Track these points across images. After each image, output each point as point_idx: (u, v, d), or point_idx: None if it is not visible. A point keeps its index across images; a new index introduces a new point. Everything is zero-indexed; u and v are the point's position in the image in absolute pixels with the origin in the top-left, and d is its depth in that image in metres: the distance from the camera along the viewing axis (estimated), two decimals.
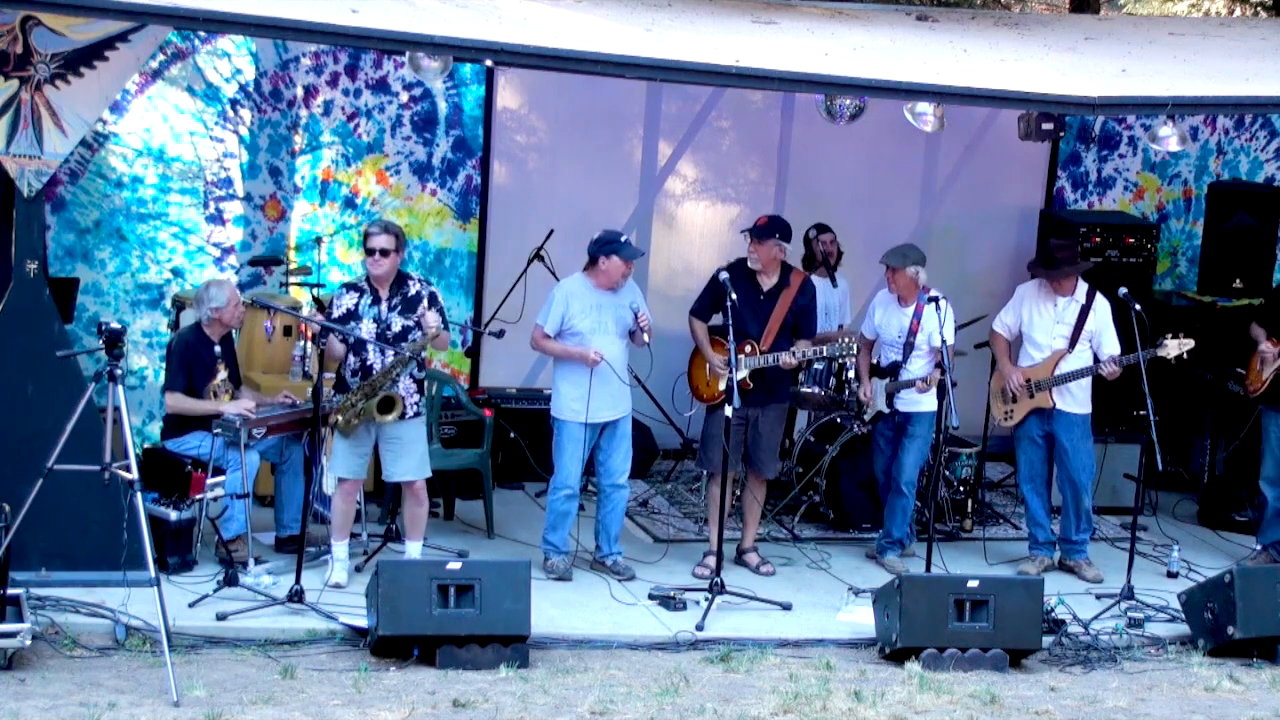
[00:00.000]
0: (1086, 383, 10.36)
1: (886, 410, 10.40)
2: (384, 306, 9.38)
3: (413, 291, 9.44)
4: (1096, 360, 10.25)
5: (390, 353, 9.27)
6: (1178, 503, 12.04)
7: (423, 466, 9.53)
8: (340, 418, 9.30)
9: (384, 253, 9.33)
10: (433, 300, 9.44)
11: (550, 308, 9.82)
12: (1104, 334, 10.30)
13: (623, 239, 9.81)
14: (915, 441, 10.30)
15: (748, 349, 9.79)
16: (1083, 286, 10.41)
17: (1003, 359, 10.67)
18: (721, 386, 9.79)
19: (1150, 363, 10.02)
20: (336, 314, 9.36)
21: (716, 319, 10.02)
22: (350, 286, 9.52)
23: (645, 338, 9.78)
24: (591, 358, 9.62)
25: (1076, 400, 10.38)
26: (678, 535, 10.86)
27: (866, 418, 10.59)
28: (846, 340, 10.07)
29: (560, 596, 9.56)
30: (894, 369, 10.36)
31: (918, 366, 10.26)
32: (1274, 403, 10.83)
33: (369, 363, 9.35)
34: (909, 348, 10.28)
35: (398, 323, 9.37)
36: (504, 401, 11.50)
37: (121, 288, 11.32)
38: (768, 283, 9.93)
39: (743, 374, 9.69)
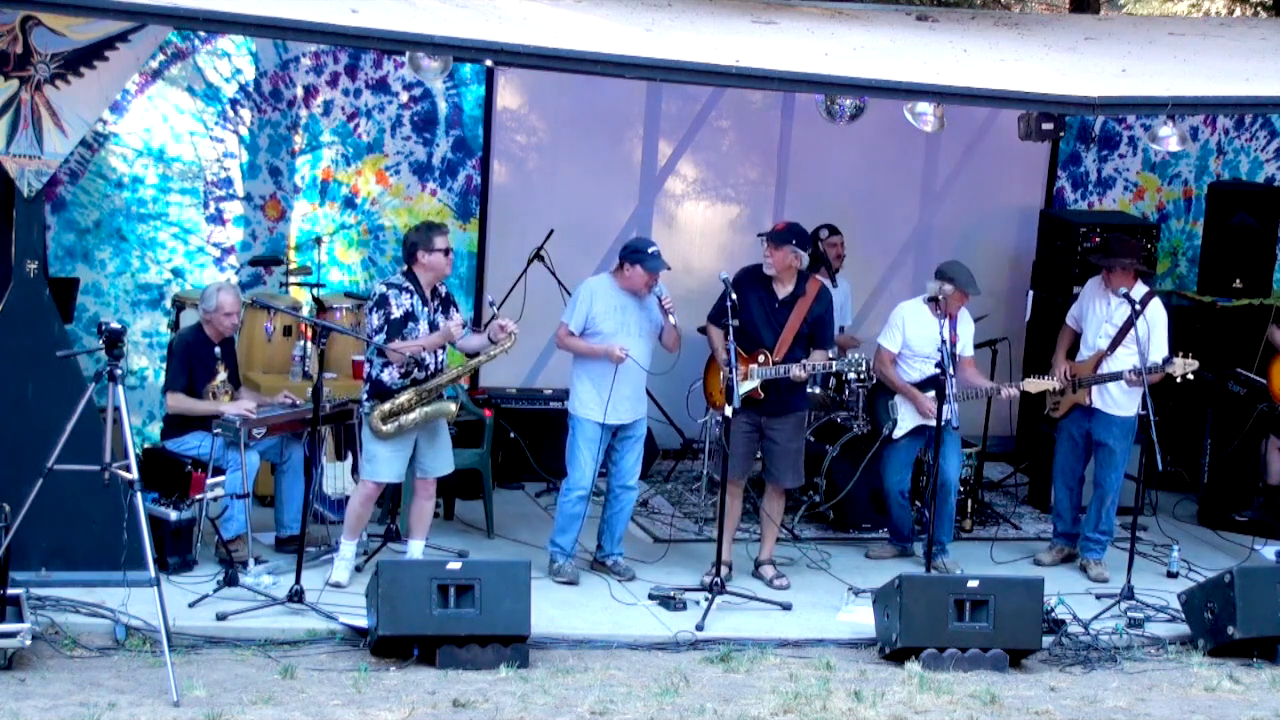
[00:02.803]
0: (1129, 385, 10.27)
1: (932, 422, 10.17)
2: (431, 307, 9.41)
3: (444, 293, 9.53)
4: (1136, 371, 10.15)
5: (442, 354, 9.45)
6: (1178, 503, 12.04)
7: (452, 460, 9.69)
8: (383, 424, 9.25)
9: (452, 251, 9.49)
10: (456, 305, 9.59)
11: (575, 306, 9.80)
12: (1152, 341, 10.22)
13: (650, 250, 9.71)
14: (953, 447, 10.22)
15: (761, 358, 9.74)
16: (1141, 290, 10.35)
17: (1058, 351, 10.70)
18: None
19: (1165, 378, 10.06)
20: (398, 314, 9.28)
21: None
22: (400, 288, 9.37)
23: (672, 319, 9.72)
24: (616, 354, 9.61)
25: (1116, 402, 10.34)
26: (678, 535, 10.86)
27: (897, 434, 10.37)
28: (857, 356, 9.99)
29: (560, 596, 9.56)
30: (934, 381, 10.15)
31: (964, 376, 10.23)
32: None
33: (426, 363, 9.35)
34: (954, 358, 10.14)
35: (447, 322, 9.42)
36: (504, 401, 11.50)
37: (121, 288, 11.32)
38: (783, 290, 9.83)
39: (755, 384, 9.64)
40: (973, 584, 9.07)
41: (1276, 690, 8.85)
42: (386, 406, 9.27)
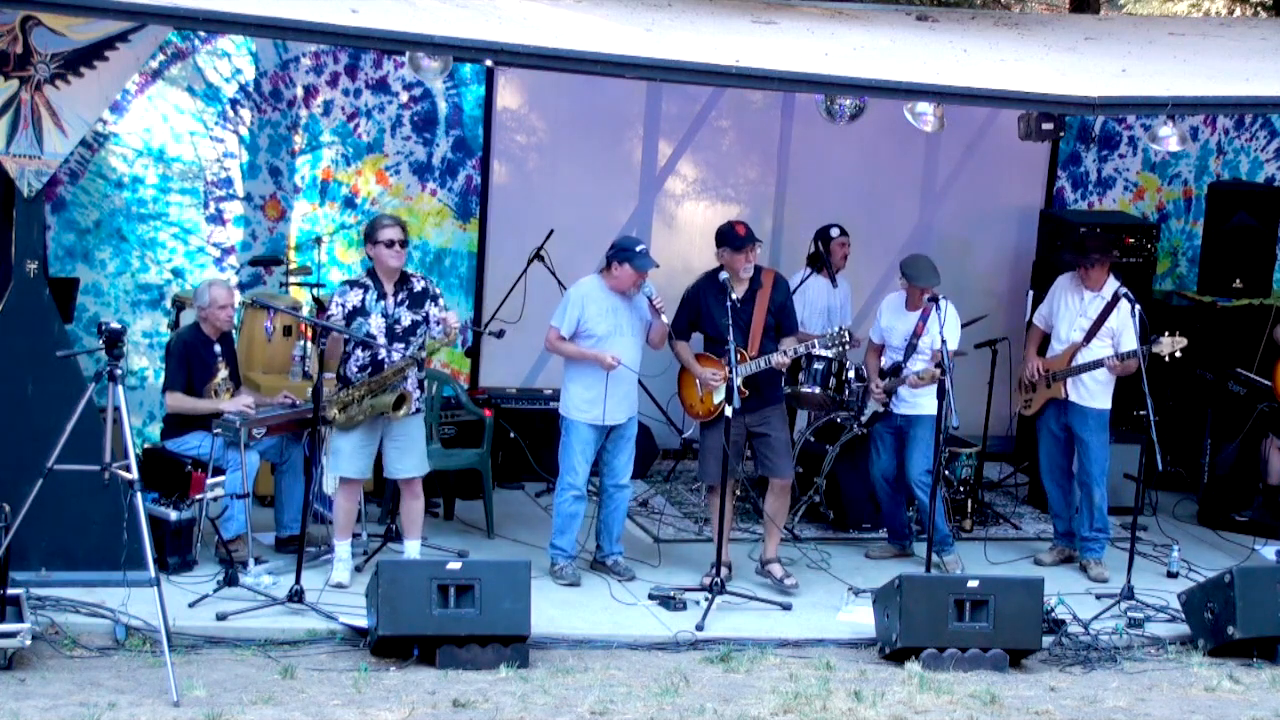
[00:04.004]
0: (1104, 378, 10.38)
1: (881, 410, 10.41)
2: (390, 301, 9.39)
3: (418, 287, 9.48)
4: (1120, 356, 10.26)
5: (400, 347, 9.29)
6: (1178, 503, 12.04)
7: (424, 463, 9.59)
8: (339, 413, 9.29)
9: (402, 244, 9.39)
10: (436, 298, 9.48)
11: (565, 310, 9.80)
12: (1124, 333, 10.29)
13: (638, 249, 9.72)
14: (919, 444, 10.26)
15: (738, 356, 9.73)
16: (1112, 284, 10.43)
17: (1029, 349, 10.81)
18: (717, 399, 9.70)
19: (1151, 362, 10.05)
20: (336, 312, 9.34)
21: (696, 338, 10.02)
22: (352, 283, 9.49)
23: (664, 319, 9.73)
24: (608, 362, 9.60)
25: (1091, 394, 10.41)
26: (678, 535, 10.85)
27: (864, 419, 10.58)
28: (836, 331, 9.97)
29: (560, 596, 9.56)
30: (896, 370, 10.37)
31: (918, 367, 10.25)
32: None
33: (380, 357, 9.34)
34: (911, 349, 10.28)
35: (406, 317, 9.39)
36: (504, 401, 11.50)
37: (121, 288, 11.32)
38: (740, 288, 9.83)
39: (737, 382, 9.63)
40: (973, 584, 9.07)
41: (1276, 690, 8.85)
42: (341, 395, 9.33)
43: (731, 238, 9.80)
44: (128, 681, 8.02)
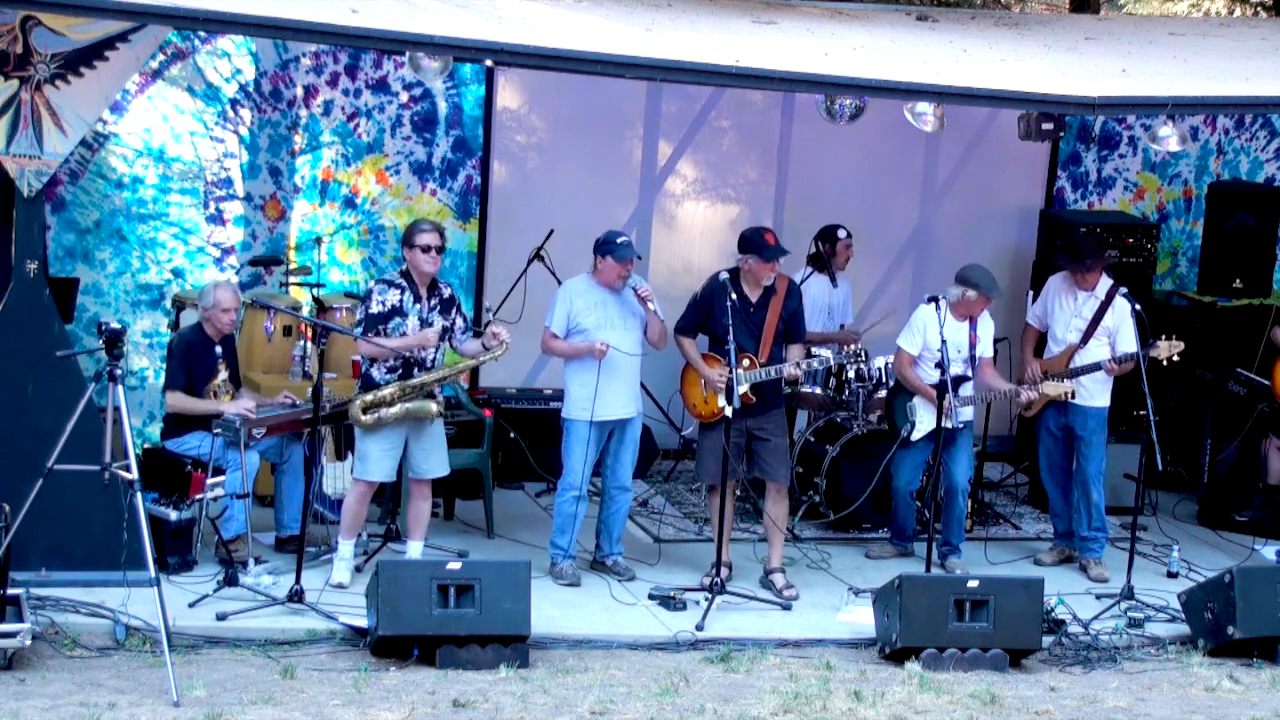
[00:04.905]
0: (1103, 376, 10.39)
1: (947, 425, 10.15)
2: (425, 305, 9.41)
3: (447, 294, 9.54)
4: (1116, 360, 10.26)
5: (435, 352, 9.41)
6: (1178, 503, 12.04)
7: (447, 462, 9.65)
8: (363, 414, 9.26)
9: (439, 250, 9.42)
10: (460, 306, 9.57)
11: (555, 309, 9.81)
12: (1121, 331, 10.30)
13: (619, 240, 9.75)
14: (964, 449, 10.26)
15: (746, 362, 9.68)
16: (1106, 283, 10.44)
17: (1025, 350, 10.85)
18: (721, 401, 9.66)
19: (1150, 363, 10.06)
20: (379, 309, 9.33)
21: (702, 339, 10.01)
22: (390, 283, 9.44)
23: (651, 306, 9.73)
24: (598, 348, 9.60)
25: (1090, 393, 10.41)
26: (678, 535, 10.86)
27: (915, 436, 10.30)
28: (853, 347, 10.00)
29: (560, 596, 9.57)
30: (956, 383, 10.16)
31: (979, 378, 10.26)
32: None
33: (418, 358, 9.36)
34: (971, 360, 10.20)
35: (438, 323, 9.42)
36: (504, 401, 11.50)
37: (122, 288, 11.33)
38: (755, 293, 9.80)
39: (744, 388, 9.62)
40: (973, 584, 9.07)
41: (1276, 690, 8.85)
42: (368, 397, 9.31)
43: (762, 247, 9.71)
44: (128, 681, 8.02)
